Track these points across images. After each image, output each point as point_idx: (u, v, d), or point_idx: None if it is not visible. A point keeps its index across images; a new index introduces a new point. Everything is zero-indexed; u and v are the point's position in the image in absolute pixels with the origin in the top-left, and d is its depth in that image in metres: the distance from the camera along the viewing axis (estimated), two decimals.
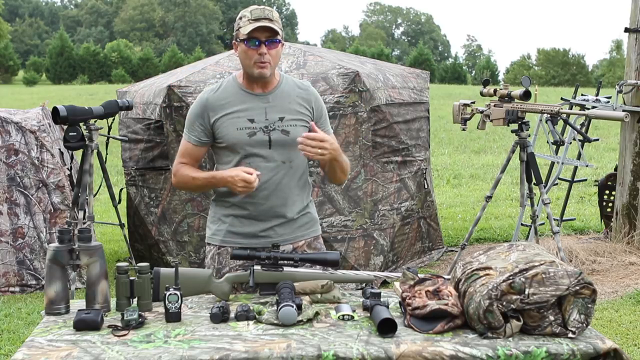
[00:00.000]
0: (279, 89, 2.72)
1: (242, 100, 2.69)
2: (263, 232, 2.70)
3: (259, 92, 2.70)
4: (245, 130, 2.65)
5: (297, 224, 2.75)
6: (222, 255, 2.73)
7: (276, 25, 2.61)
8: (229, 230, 2.73)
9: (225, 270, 2.69)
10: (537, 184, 4.75)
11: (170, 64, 37.96)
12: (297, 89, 2.75)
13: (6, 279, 5.44)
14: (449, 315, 2.10)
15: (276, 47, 2.64)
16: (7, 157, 5.44)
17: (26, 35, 66.27)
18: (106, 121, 5.14)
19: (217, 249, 2.75)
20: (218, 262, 2.74)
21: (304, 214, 2.78)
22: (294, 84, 2.77)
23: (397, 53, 70.41)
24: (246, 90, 2.70)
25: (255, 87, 2.70)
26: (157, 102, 5.39)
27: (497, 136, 14.95)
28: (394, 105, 5.65)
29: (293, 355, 1.95)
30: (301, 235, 2.76)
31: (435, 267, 6.04)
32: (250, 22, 2.60)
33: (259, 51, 2.61)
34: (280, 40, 2.65)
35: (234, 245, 2.70)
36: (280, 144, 2.66)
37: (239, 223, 2.71)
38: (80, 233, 2.31)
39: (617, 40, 52.58)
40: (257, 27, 2.58)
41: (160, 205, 5.55)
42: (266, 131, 2.66)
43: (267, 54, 2.61)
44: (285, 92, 2.72)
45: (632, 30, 6.15)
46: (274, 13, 2.65)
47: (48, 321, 2.24)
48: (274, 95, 2.70)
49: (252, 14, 2.61)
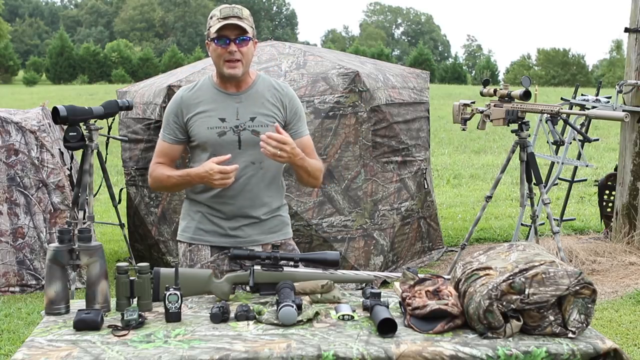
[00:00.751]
0: (252, 88, 2.72)
1: (214, 99, 2.69)
2: (231, 230, 2.71)
3: (232, 92, 2.70)
4: (216, 129, 2.65)
5: (266, 225, 2.74)
6: (193, 252, 2.75)
7: (245, 23, 2.61)
8: (198, 227, 2.74)
9: (197, 267, 2.71)
10: (537, 184, 4.75)
11: (170, 64, 37.97)
12: (272, 89, 2.74)
13: (6, 279, 5.44)
14: (449, 315, 2.10)
15: (246, 45, 2.63)
16: (7, 157, 5.44)
17: (26, 35, 66.28)
18: (106, 121, 5.14)
19: (188, 245, 2.76)
20: (190, 259, 2.75)
21: (274, 216, 2.77)
22: (269, 84, 2.76)
23: (397, 53, 70.44)
24: (220, 90, 2.71)
25: (229, 87, 2.71)
26: (157, 102, 5.40)
27: (497, 136, 14.95)
28: (394, 105, 5.65)
29: (293, 355, 1.95)
30: (270, 237, 2.76)
31: (435, 267, 6.04)
32: (220, 20, 2.61)
33: (228, 49, 2.61)
34: (250, 38, 2.63)
35: (203, 242, 2.72)
36: (250, 144, 2.65)
37: (208, 221, 2.72)
38: (80, 233, 2.31)
39: (617, 40, 52.64)
40: (225, 25, 2.59)
41: (160, 205, 5.55)
42: (236, 131, 2.65)
43: (238, 52, 2.61)
44: (259, 92, 2.72)
45: (632, 30, 6.15)
46: (244, 11, 2.65)
47: (48, 321, 2.24)
48: (246, 95, 2.70)
49: (221, 13, 2.62)
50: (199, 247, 2.73)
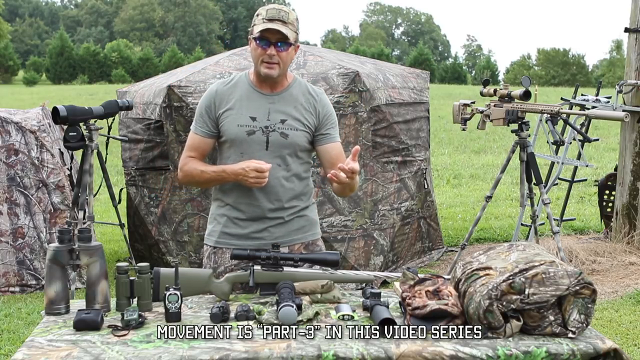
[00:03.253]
0: (287, 91, 2.70)
1: (248, 97, 2.68)
2: (257, 233, 2.69)
3: (267, 92, 2.69)
4: (245, 127, 2.64)
5: (292, 226, 2.72)
6: (218, 254, 2.74)
7: (289, 29, 2.58)
8: (223, 231, 2.72)
9: (221, 269, 2.70)
10: (537, 184, 4.75)
11: (170, 64, 37.96)
12: (307, 94, 2.72)
13: (6, 279, 5.44)
14: (449, 315, 2.10)
15: (286, 50, 2.61)
16: (7, 157, 5.44)
17: (26, 35, 66.26)
18: (106, 121, 5.14)
19: (213, 249, 2.75)
20: (214, 262, 2.74)
21: (300, 217, 2.74)
22: (305, 89, 2.74)
23: (397, 53, 70.43)
24: (255, 88, 2.69)
25: (264, 86, 2.69)
26: (157, 102, 5.40)
27: (497, 136, 14.95)
28: (394, 105, 5.65)
29: (293, 355, 1.95)
30: (297, 238, 2.73)
31: (435, 267, 6.04)
32: (264, 21, 2.58)
33: (267, 52, 2.59)
34: (291, 44, 2.62)
35: (227, 246, 2.70)
36: (278, 146, 2.64)
37: (233, 224, 2.70)
38: (80, 233, 2.31)
39: (617, 40, 52.61)
40: (268, 28, 2.57)
41: (160, 205, 5.55)
42: (265, 131, 2.64)
43: (276, 56, 2.60)
44: (293, 96, 2.70)
45: (632, 30, 6.15)
46: (291, 15, 2.62)
47: (48, 321, 2.24)
48: (280, 97, 2.69)
49: (267, 13, 2.59)
50: (223, 250, 2.71)
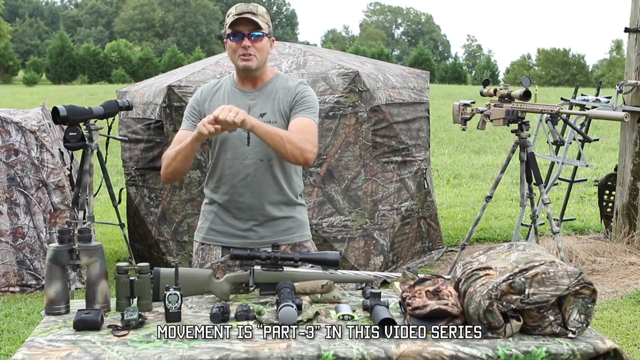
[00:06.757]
0: (267, 87, 2.72)
1: (230, 95, 2.72)
2: (242, 231, 2.70)
3: (248, 89, 2.72)
4: None
5: (279, 226, 2.70)
6: (205, 251, 2.76)
7: (260, 19, 2.63)
8: (211, 227, 2.75)
9: (207, 265, 2.72)
10: (537, 184, 4.75)
11: (170, 64, 37.92)
12: (286, 86, 2.73)
13: (6, 279, 5.44)
14: (449, 315, 2.10)
15: (260, 41, 2.64)
16: (7, 157, 5.44)
17: (26, 35, 66.23)
18: (106, 121, 5.14)
19: (201, 245, 2.78)
20: (202, 258, 2.77)
21: (287, 218, 2.71)
22: (285, 82, 2.74)
23: (397, 53, 70.37)
24: (237, 87, 2.74)
25: (246, 84, 2.73)
26: (157, 102, 5.40)
27: (497, 136, 14.95)
28: (394, 105, 5.65)
29: (293, 355, 1.95)
30: (284, 239, 2.70)
31: (435, 267, 6.04)
32: (234, 16, 2.64)
33: (242, 44, 2.62)
34: (264, 34, 2.64)
35: (215, 243, 2.73)
36: (259, 141, 2.60)
37: (220, 222, 2.72)
38: (80, 233, 2.31)
39: (617, 40, 52.62)
40: (239, 20, 2.61)
41: (160, 205, 5.55)
42: None
43: (252, 47, 2.62)
44: (273, 91, 2.72)
45: (632, 30, 6.15)
46: (260, 8, 2.68)
47: (48, 321, 2.24)
48: (260, 92, 2.71)
49: (236, 10, 2.66)
50: (211, 246, 2.74)
